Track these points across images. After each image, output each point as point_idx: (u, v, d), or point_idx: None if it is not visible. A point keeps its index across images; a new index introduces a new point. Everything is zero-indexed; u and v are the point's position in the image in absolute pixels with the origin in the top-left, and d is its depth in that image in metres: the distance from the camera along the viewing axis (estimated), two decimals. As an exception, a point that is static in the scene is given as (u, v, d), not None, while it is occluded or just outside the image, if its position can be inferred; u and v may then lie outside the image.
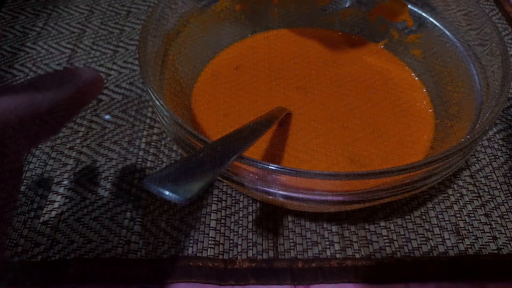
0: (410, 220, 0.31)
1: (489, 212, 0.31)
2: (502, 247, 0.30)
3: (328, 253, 0.29)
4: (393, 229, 0.31)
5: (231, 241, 0.30)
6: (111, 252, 0.29)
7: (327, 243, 0.30)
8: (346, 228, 0.31)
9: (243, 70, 0.37)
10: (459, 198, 0.32)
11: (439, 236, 0.30)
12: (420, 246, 0.30)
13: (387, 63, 0.38)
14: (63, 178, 0.33)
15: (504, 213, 0.31)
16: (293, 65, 0.38)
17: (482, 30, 0.31)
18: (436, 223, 0.31)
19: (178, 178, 0.17)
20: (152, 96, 0.25)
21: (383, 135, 0.33)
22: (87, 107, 0.19)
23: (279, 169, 0.22)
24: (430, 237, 0.30)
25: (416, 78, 0.37)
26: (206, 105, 0.35)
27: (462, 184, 0.33)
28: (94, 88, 0.21)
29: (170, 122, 0.25)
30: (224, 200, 0.32)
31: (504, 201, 0.32)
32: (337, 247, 0.30)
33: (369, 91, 0.36)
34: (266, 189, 0.24)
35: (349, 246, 0.30)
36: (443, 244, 0.30)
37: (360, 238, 0.30)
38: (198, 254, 0.29)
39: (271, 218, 0.31)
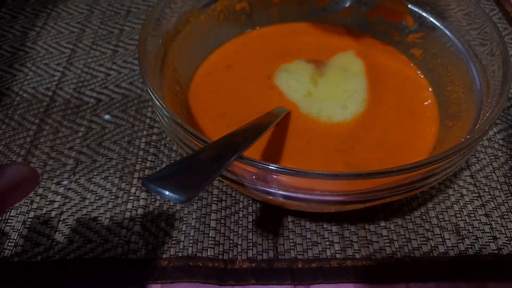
0: (410, 220, 0.31)
1: (489, 212, 0.31)
2: (502, 247, 0.30)
3: (328, 253, 0.29)
4: (393, 229, 0.31)
5: (231, 241, 0.30)
6: (110, 252, 0.29)
7: (327, 243, 0.30)
8: (346, 228, 0.31)
9: (238, 68, 0.37)
10: (459, 198, 0.32)
11: (439, 236, 0.30)
12: (420, 246, 0.30)
13: (391, 60, 0.38)
14: (63, 178, 0.33)
15: (504, 213, 0.31)
16: (292, 62, 0.38)
17: (482, 30, 0.31)
18: (436, 223, 0.31)
19: (178, 178, 0.17)
20: (152, 96, 0.25)
21: (386, 135, 0.33)
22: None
23: (279, 169, 0.22)
24: (430, 237, 0.30)
25: (422, 76, 0.37)
26: (204, 105, 0.34)
27: (462, 184, 0.33)
28: (22, 188, 0.19)
29: (170, 122, 0.25)
30: (224, 200, 0.32)
31: (504, 201, 0.32)
32: (337, 247, 0.30)
33: (373, 89, 0.35)
34: (266, 189, 0.24)
35: (349, 246, 0.30)
36: (443, 244, 0.30)
37: (360, 238, 0.30)
38: (198, 254, 0.29)
39: (271, 218, 0.31)
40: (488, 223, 0.31)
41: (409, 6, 0.36)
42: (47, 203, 0.32)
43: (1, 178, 0.18)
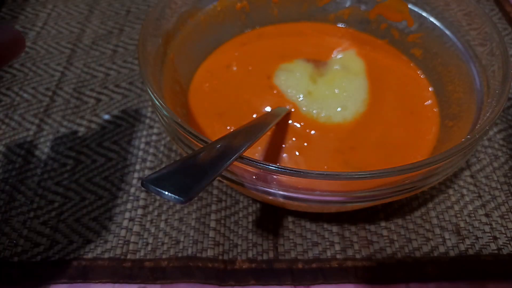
0: (410, 220, 0.31)
1: (489, 212, 0.31)
2: (502, 247, 0.30)
3: (329, 254, 0.29)
4: (394, 229, 0.31)
5: (231, 242, 0.30)
6: (110, 252, 0.29)
7: (328, 243, 0.30)
8: (346, 228, 0.31)
9: (238, 68, 0.37)
10: (459, 198, 0.32)
11: (440, 236, 0.30)
12: (420, 246, 0.30)
13: (391, 60, 0.38)
14: (63, 178, 0.33)
15: (505, 213, 0.31)
16: (292, 61, 0.37)
17: (482, 30, 0.31)
18: (436, 223, 0.31)
19: (178, 178, 0.17)
20: (152, 96, 0.25)
21: (386, 135, 0.32)
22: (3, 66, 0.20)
23: (279, 169, 0.21)
24: (431, 237, 0.30)
25: (422, 76, 0.37)
26: (204, 104, 0.34)
27: (462, 184, 0.33)
28: (9, 49, 0.20)
29: (170, 121, 0.25)
30: (224, 200, 0.32)
31: (505, 201, 0.32)
32: (337, 247, 0.30)
33: (373, 89, 0.35)
34: (266, 189, 0.23)
35: (350, 246, 0.30)
36: (443, 244, 0.30)
37: (360, 239, 0.30)
38: (198, 255, 0.29)
39: (271, 218, 0.31)
40: (489, 223, 0.31)
41: (409, 6, 0.36)
42: (47, 203, 0.32)
43: None
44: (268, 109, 0.34)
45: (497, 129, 0.37)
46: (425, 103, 0.35)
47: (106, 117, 0.37)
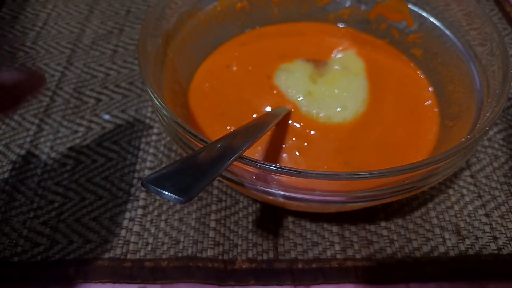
0: (410, 220, 0.31)
1: (489, 212, 0.31)
2: (502, 247, 0.30)
3: (329, 254, 0.29)
4: (394, 229, 0.31)
5: (231, 242, 0.30)
6: (110, 252, 0.29)
7: (328, 243, 0.30)
8: (346, 228, 0.31)
9: (238, 68, 0.37)
10: (459, 198, 0.32)
11: (440, 236, 0.30)
12: (420, 246, 0.30)
13: (391, 60, 0.38)
14: (63, 178, 0.33)
15: (505, 213, 0.31)
16: (292, 61, 0.37)
17: (482, 30, 0.31)
18: (436, 223, 0.31)
19: (178, 178, 0.17)
20: (152, 96, 0.25)
21: (386, 135, 0.32)
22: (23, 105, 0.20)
23: (279, 169, 0.21)
24: (431, 237, 0.30)
25: (422, 76, 0.37)
26: (204, 104, 0.34)
27: (462, 184, 0.33)
28: (27, 87, 0.20)
29: (170, 122, 0.25)
30: (224, 200, 0.32)
31: (505, 201, 0.32)
32: (337, 247, 0.30)
33: (373, 89, 0.35)
34: (266, 189, 0.23)
35: (350, 246, 0.30)
36: (443, 244, 0.30)
37: (360, 239, 0.30)
38: (198, 255, 0.29)
39: (271, 218, 0.31)
40: (488, 223, 0.31)
41: (409, 5, 0.36)
42: (47, 203, 0.32)
43: (10, 72, 0.19)
44: (268, 109, 0.34)
45: (497, 129, 0.37)
46: (425, 103, 0.35)
47: (106, 117, 0.37)
